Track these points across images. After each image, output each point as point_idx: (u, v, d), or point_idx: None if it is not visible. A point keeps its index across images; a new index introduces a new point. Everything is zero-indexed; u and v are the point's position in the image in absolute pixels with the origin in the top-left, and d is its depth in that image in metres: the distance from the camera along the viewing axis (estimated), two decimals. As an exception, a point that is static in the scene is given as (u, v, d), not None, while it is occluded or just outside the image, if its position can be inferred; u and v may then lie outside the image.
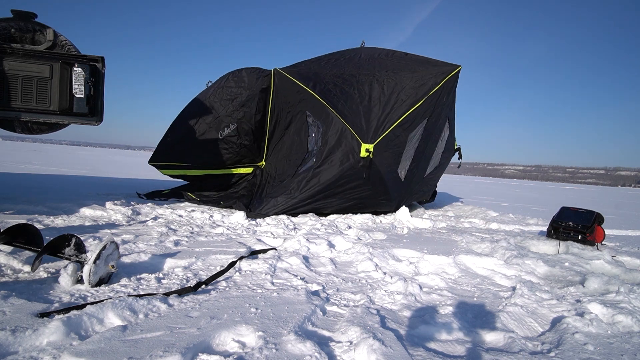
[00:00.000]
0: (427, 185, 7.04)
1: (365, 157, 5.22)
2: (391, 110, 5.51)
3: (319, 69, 5.89)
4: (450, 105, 6.51)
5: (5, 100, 3.26)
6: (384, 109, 5.51)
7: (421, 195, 7.15)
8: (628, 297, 2.33)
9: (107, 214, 3.97)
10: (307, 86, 5.45)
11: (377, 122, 5.42)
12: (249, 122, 5.70)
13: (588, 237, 4.39)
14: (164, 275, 2.27)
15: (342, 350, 1.55)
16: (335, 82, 5.66)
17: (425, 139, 5.97)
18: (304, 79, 5.55)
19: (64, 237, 2.06)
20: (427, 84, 5.67)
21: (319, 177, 5.23)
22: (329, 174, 5.23)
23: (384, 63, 6.04)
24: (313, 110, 5.46)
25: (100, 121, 3.65)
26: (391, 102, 5.55)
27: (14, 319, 1.53)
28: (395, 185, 5.78)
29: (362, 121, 5.40)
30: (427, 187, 7.11)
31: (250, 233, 3.73)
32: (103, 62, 3.60)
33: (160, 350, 1.36)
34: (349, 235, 3.99)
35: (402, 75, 5.73)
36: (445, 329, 1.85)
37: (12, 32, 3.49)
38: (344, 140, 5.29)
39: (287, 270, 2.56)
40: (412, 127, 5.63)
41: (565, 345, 1.72)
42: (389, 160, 5.55)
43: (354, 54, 6.36)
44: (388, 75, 5.74)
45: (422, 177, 6.55)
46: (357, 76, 5.75)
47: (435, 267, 3.03)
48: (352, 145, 5.26)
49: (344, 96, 5.54)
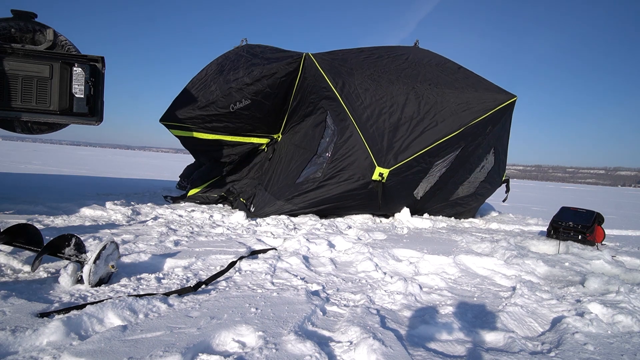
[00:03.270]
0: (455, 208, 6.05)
1: (377, 181, 4.67)
2: (421, 133, 4.83)
3: (356, 64, 5.22)
4: (500, 136, 5.65)
5: (6, 100, 3.26)
6: (413, 131, 4.85)
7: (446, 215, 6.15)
8: (628, 297, 2.32)
9: (107, 214, 3.97)
10: (335, 86, 4.91)
11: (401, 145, 4.77)
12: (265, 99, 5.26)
13: (588, 237, 4.39)
14: (164, 275, 2.27)
15: (342, 350, 1.55)
16: (367, 86, 5.02)
17: (456, 167, 5.29)
18: (334, 74, 5.00)
19: (64, 237, 2.06)
20: (472, 110, 4.94)
21: (323, 190, 4.84)
22: (334, 190, 4.81)
23: (430, 73, 5.34)
24: (334, 112, 4.98)
25: (100, 121, 3.65)
26: (424, 123, 4.89)
27: (14, 319, 1.53)
28: (407, 203, 5.36)
29: (384, 140, 4.77)
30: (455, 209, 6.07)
31: (250, 233, 3.73)
32: (103, 62, 3.60)
33: (160, 350, 1.36)
34: (349, 235, 3.99)
35: (446, 92, 5.03)
36: (445, 329, 1.85)
37: (12, 32, 3.49)
38: (357, 157, 4.75)
39: (287, 270, 2.56)
40: (442, 155, 4.98)
41: (565, 345, 1.72)
42: (405, 186, 5.02)
43: (401, 54, 5.67)
44: (430, 89, 5.05)
45: (446, 199, 5.79)
46: (395, 83, 5.07)
47: (435, 267, 3.03)
48: (364, 166, 4.71)
49: (373, 105, 4.93)
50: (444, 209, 5.96)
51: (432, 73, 5.35)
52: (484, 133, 5.17)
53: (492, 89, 5.34)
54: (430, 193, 5.45)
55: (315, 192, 4.86)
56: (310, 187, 4.87)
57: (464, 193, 5.86)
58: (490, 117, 5.03)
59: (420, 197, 5.43)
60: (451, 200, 5.85)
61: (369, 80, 5.06)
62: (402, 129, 4.86)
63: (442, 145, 4.85)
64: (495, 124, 5.21)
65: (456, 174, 5.45)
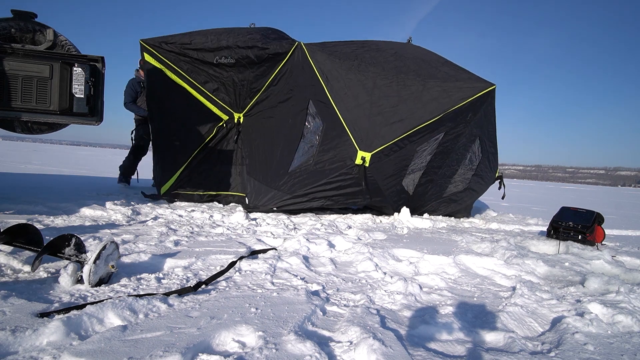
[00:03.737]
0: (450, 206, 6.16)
1: (359, 165, 4.90)
2: (402, 119, 5.05)
3: (344, 55, 5.41)
4: (483, 126, 5.80)
5: (6, 100, 3.27)
6: (394, 116, 5.06)
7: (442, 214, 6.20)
8: (628, 297, 2.33)
9: (107, 214, 3.97)
10: (321, 74, 5.14)
11: (381, 130, 5.00)
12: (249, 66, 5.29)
13: (588, 237, 4.39)
14: (164, 275, 2.27)
15: (342, 350, 1.55)
16: (352, 75, 5.20)
17: (442, 157, 5.46)
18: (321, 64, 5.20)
19: (64, 237, 2.06)
20: (452, 98, 5.15)
21: (315, 177, 5.00)
22: (323, 176, 4.98)
23: (414, 65, 5.53)
24: (317, 101, 5.14)
25: (100, 121, 3.65)
26: (405, 109, 5.09)
27: (14, 319, 1.53)
28: (398, 198, 5.46)
29: (366, 125, 5.00)
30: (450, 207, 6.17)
31: (250, 233, 3.73)
32: (103, 62, 3.60)
33: (160, 350, 1.36)
34: (349, 235, 3.99)
35: (429, 82, 5.25)
36: (445, 329, 1.85)
37: (13, 32, 3.49)
38: (341, 144, 4.99)
39: (287, 270, 2.56)
40: (423, 140, 5.17)
41: (565, 345, 1.72)
42: (389, 171, 5.17)
43: (390, 47, 5.84)
44: (413, 78, 5.26)
45: (440, 195, 5.93)
46: (380, 73, 5.25)
47: (435, 267, 3.03)
48: (348, 151, 4.96)
49: (356, 93, 5.12)
50: (439, 206, 6.04)
51: (417, 65, 5.54)
52: (464, 120, 5.34)
53: (473, 78, 5.53)
54: (421, 188, 5.57)
55: (308, 179, 5.01)
56: (302, 174, 5.03)
57: (457, 189, 5.99)
58: (469, 104, 5.23)
59: (413, 192, 5.53)
60: (445, 196, 5.97)
61: (355, 70, 5.22)
62: (384, 115, 5.07)
63: (422, 130, 5.08)
64: (475, 111, 5.39)
65: (444, 164, 5.58)
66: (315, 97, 5.17)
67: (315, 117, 5.19)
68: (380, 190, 5.21)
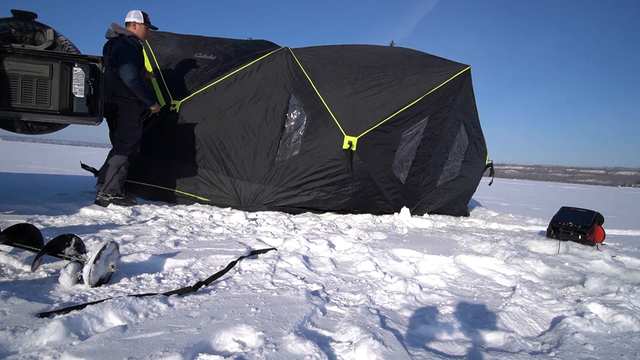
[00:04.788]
0: (445, 195, 6.23)
1: (346, 150, 5.11)
2: (385, 104, 5.33)
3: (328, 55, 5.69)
4: (465, 109, 6.03)
5: (6, 100, 3.26)
6: (377, 101, 5.33)
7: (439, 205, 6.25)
8: (628, 297, 2.33)
9: (107, 214, 3.97)
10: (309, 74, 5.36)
11: (366, 115, 5.27)
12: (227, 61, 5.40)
13: (588, 237, 4.39)
14: (164, 275, 2.27)
15: (342, 350, 1.55)
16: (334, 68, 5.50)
17: (430, 141, 5.66)
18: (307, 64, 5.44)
19: (64, 237, 2.06)
20: (430, 82, 5.46)
21: (303, 166, 5.15)
22: (311, 163, 5.15)
23: (395, 58, 5.83)
24: (302, 95, 5.30)
25: (100, 121, 3.65)
26: (388, 95, 5.38)
27: (14, 319, 1.53)
28: (391, 186, 5.58)
29: (351, 112, 5.25)
30: (445, 197, 6.24)
31: (250, 233, 3.73)
32: (103, 62, 3.60)
33: (160, 350, 1.36)
34: (349, 235, 3.99)
35: (408, 70, 5.55)
36: (445, 329, 1.85)
37: (13, 32, 3.49)
38: (328, 131, 5.18)
39: (287, 270, 2.56)
40: (407, 125, 5.44)
41: (565, 345, 1.72)
42: (377, 157, 5.36)
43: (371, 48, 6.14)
44: (393, 68, 5.56)
45: (434, 185, 6.04)
46: (362, 67, 5.55)
47: (435, 267, 3.03)
48: (334, 137, 5.16)
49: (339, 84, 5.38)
50: (435, 199, 6.15)
51: (397, 59, 5.85)
52: (447, 105, 5.64)
53: (449, 63, 5.82)
54: (414, 178, 5.73)
55: (298, 169, 5.15)
56: (290, 165, 5.17)
57: (450, 177, 6.20)
58: (448, 85, 5.55)
59: (405, 182, 5.68)
60: (438, 186, 6.13)
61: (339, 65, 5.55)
62: (367, 101, 5.35)
63: (405, 115, 5.39)
64: (455, 93, 5.69)
65: (434, 152, 5.78)
66: (299, 90, 5.33)
67: (297, 108, 5.34)
68: (370, 176, 5.35)
